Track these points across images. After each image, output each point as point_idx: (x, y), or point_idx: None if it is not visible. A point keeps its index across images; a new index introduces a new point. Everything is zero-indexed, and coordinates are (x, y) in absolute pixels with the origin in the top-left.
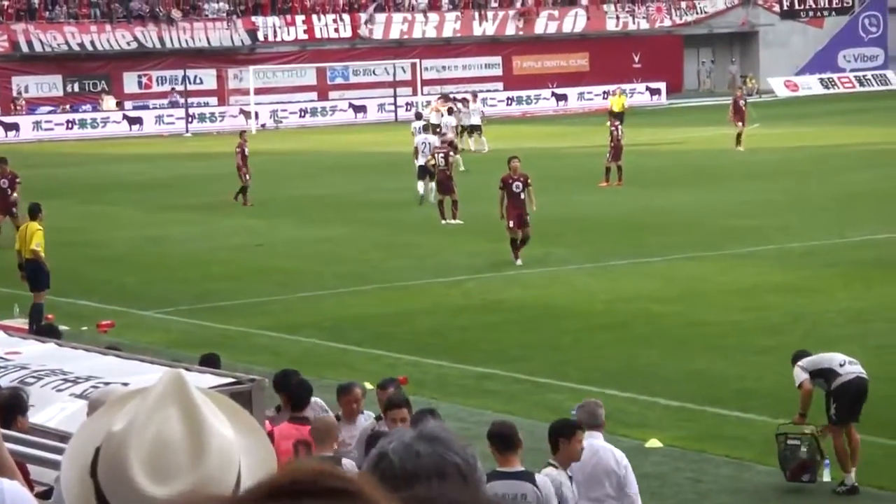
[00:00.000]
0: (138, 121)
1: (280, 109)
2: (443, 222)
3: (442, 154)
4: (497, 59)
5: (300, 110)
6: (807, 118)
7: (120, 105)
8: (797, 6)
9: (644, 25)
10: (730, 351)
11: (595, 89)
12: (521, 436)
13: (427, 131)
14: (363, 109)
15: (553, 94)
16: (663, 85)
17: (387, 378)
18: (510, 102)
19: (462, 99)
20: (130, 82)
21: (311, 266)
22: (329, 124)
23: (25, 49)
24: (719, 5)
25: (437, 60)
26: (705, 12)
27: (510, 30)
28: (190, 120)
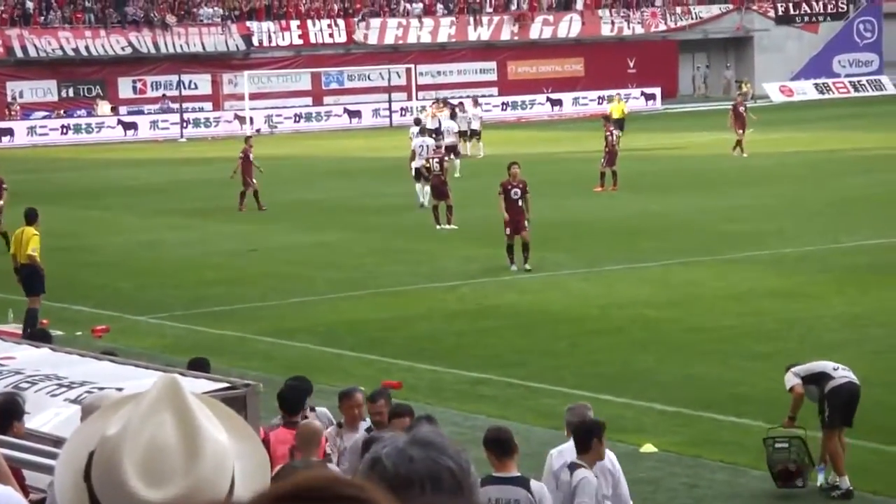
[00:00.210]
0: (133, 126)
1: (275, 114)
2: (437, 227)
3: (437, 159)
4: (492, 65)
5: (295, 115)
6: (802, 123)
7: (114, 110)
8: (792, 11)
9: (639, 30)
10: (725, 356)
11: (590, 94)
12: (517, 441)
13: (424, 135)
14: (358, 115)
15: (548, 100)
16: (658, 90)
17: (375, 390)
18: (505, 107)
19: (459, 103)
20: (125, 87)
21: (306, 271)
22: (324, 129)
23: (20, 54)
24: (714, 10)
25: (432, 66)
26: (700, 17)
27: (505, 35)
28: (184, 125)
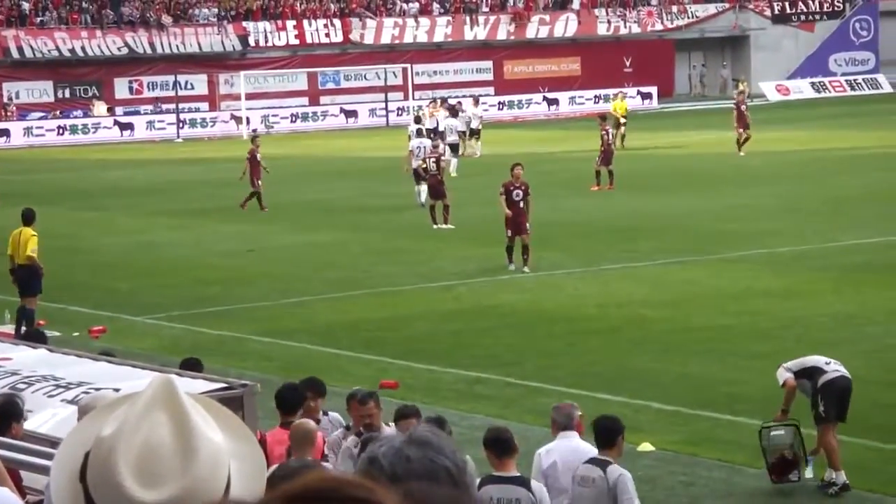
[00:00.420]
0: (129, 126)
1: (271, 115)
2: (434, 227)
3: (433, 159)
4: (488, 64)
5: (291, 115)
6: (798, 122)
7: (111, 111)
8: (788, 10)
9: (635, 30)
10: (722, 355)
11: (586, 94)
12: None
13: (422, 135)
14: (354, 114)
15: (544, 99)
16: (654, 89)
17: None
18: (501, 107)
19: (458, 103)
20: (121, 88)
21: (303, 271)
22: (320, 129)
23: (16, 55)
24: (710, 9)
25: (429, 65)
26: (696, 16)
27: (501, 34)
28: (181, 125)
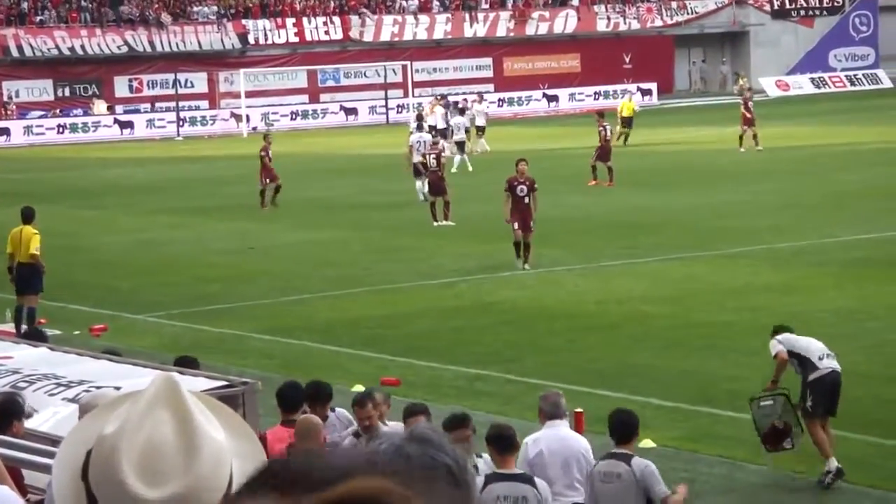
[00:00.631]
0: (129, 125)
1: (271, 112)
2: (435, 224)
3: (434, 155)
4: (488, 61)
5: (291, 113)
6: (798, 118)
7: (111, 109)
8: (788, 6)
9: (635, 26)
10: (722, 351)
11: (586, 90)
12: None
13: (422, 130)
14: (354, 112)
15: (544, 96)
16: (654, 85)
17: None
18: (501, 104)
19: (463, 100)
20: (121, 86)
21: (303, 269)
22: (320, 127)
23: (16, 54)
24: (710, 5)
25: (428, 62)
26: (696, 12)
27: (501, 31)
28: (181, 123)
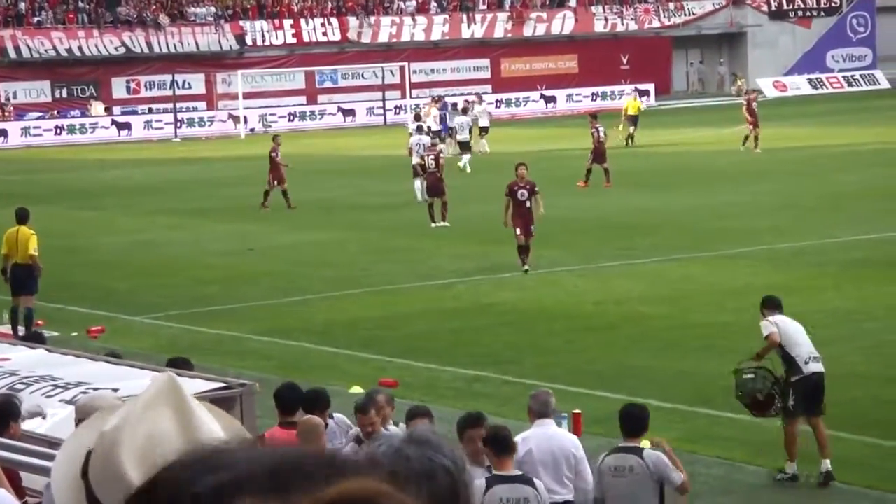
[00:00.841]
0: (127, 126)
1: (269, 114)
2: (432, 225)
3: (432, 156)
4: (485, 62)
5: (289, 114)
6: (796, 119)
7: (108, 110)
8: (785, 6)
9: (632, 27)
10: (721, 352)
11: (584, 91)
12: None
13: (421, 132)
14: (352, 113)
15: (542, 97)
16: (652, 86)
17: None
18: (499, 105)
19: (465, 101)
20: (119, 87)
21: (301, 270)
22: (318, 128)
23: (13, 55)
24: (707, 6)
25: (426, 63)
26: (693, 13)
27: (498, 32)
28: (179, 125)
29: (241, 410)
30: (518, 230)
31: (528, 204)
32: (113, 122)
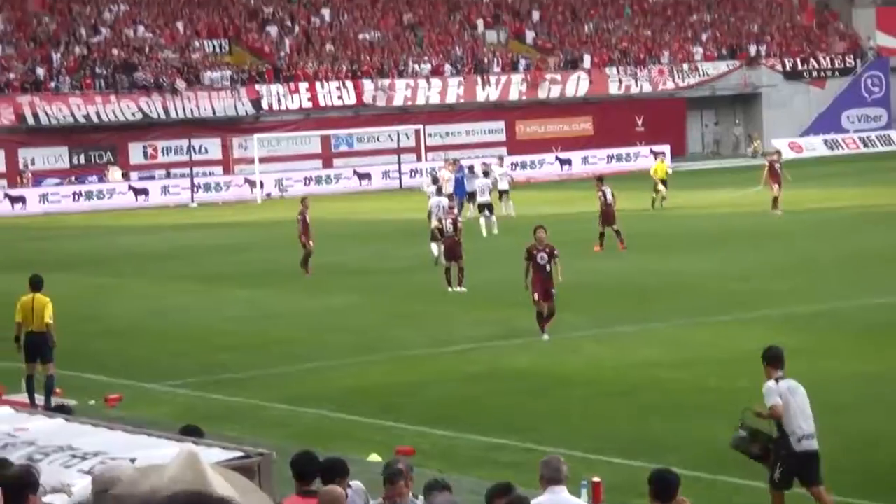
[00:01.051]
0: (144, 192)
1: (285, 178)
2: (449, 290)
3: (450, 220)
4: (500, 124)
5: (305, 178)
6: (812, 180)
7: (126, 176)
8: (800, 67)
9: (647, 88)
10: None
11: (599, 153)
12: None
13: (440, 194)
14: (368, 177)
15: (557, 159)
16: (667, 148)
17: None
18: (514, 167)
19: (470, 166)
20: (136, 153)
21: (317, 336)
22: (334, 192)
23: (31, 121)
24: (722, 67)
25: (441, 126)
26: (708, 75)
27: (513, 94)
28: (195, 189)
29: (259, 479)
30: (536, 295)
31: (548, 268)
32: (130, 188)
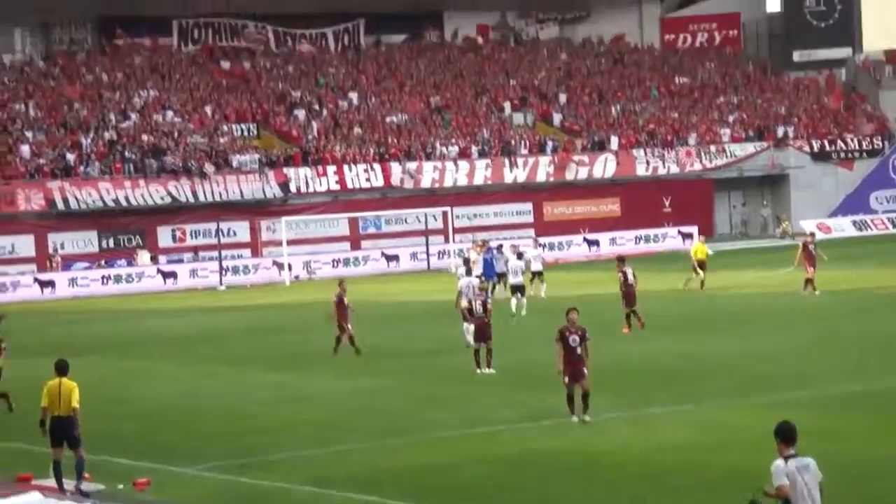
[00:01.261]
0: (172, 275)
1: (313, 260)
2: (477, 371)
3: (480, 301)
4: (528, 206)
5: (333, 260)
6: (842, 261)
7: (154, 259)
8: (828, 148)
9: (674, 169)
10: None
11: (627, 234)
12: None
13: (470, 275)
14: (395, 259)
15: (585, 240)
16: (695, 229)
17: None
18: (542, 249)
19: (498, 246)
20: (164, 236)
21: (345, 418)
22: (362, 274)
23: (61, 206)
24: (749, 149)
25: (469, 208)
26: (735, 156)
27: (541, 176)
28: (224, 272)
29: None
30: (567, 379)
31: (579, 351)
32: (159, 271)
